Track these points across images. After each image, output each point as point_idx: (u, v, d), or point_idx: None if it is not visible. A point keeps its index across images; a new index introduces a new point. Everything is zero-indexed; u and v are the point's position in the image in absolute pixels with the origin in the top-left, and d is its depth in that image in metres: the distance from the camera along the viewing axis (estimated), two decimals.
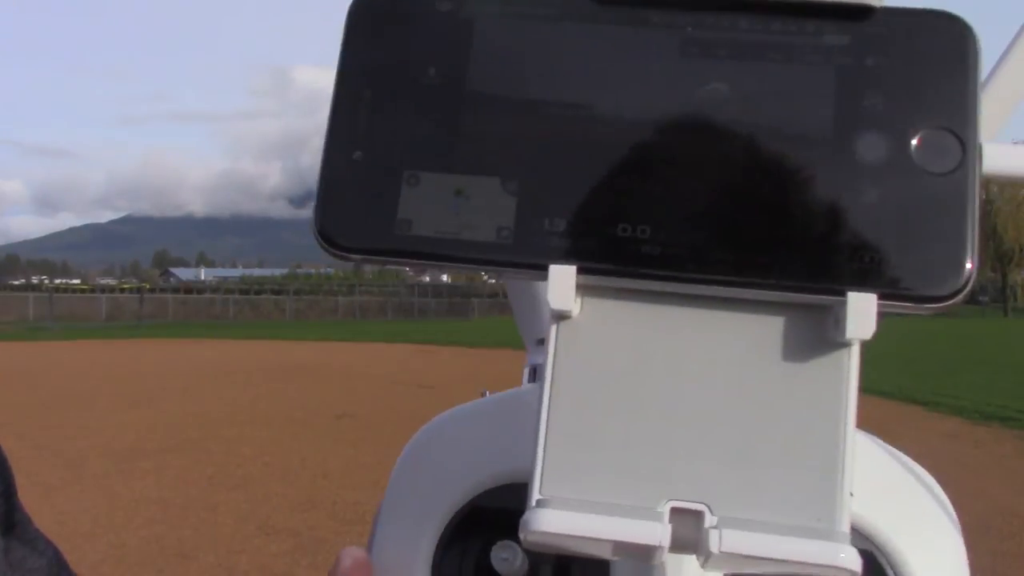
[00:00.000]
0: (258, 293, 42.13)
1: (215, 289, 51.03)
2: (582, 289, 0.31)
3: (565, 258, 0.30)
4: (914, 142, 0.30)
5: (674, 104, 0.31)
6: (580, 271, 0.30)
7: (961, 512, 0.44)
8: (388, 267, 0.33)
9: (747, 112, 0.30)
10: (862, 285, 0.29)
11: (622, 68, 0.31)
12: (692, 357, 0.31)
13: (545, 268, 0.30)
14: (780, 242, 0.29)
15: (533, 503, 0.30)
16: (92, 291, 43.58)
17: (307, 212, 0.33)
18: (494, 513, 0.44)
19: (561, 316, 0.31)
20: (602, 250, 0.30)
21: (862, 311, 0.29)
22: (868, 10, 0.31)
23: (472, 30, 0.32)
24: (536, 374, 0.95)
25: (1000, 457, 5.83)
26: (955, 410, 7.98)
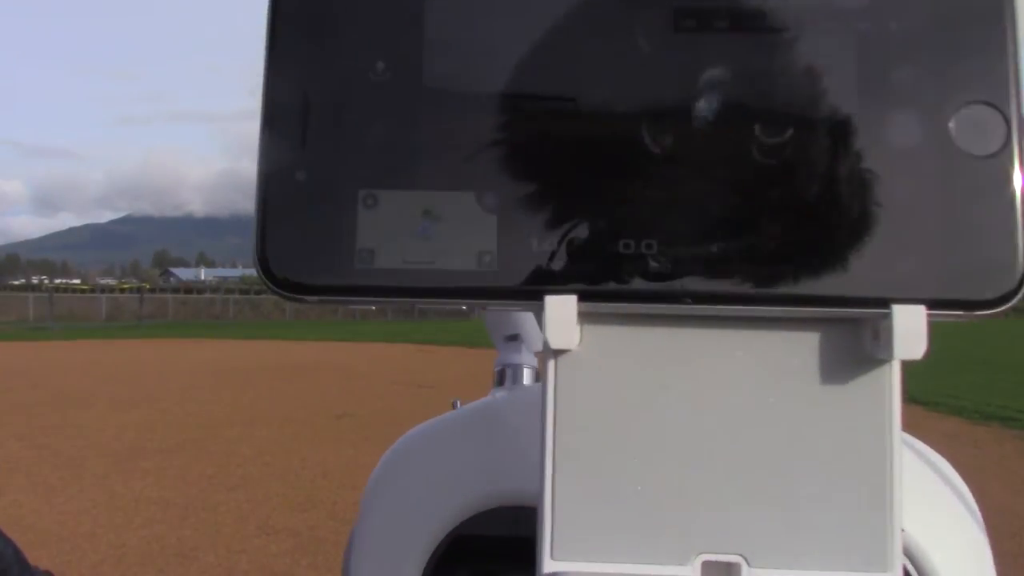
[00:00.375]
0: (258, 293, 42.06)
1: (215, 289, 51.05)
2: (581, 316, 0.26)
3: (562, 285, 0.26)
4: (951, 121, 0.26)
5: (673, 93, 0.26)
6: (581, 298, 0.26)
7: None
8: (352, 307, 0.28)
9: (757, 97, 0.26)
10: (907, 295, 0.25)
11: (609, 50, 0.26)
12: (712, 387, 0.27)
13: (539, 298, 0.26)
14: (808, 249, 0.25)
15: (544, 574, 0.26)
16: (92, 291, 43.61)
17: None
18: (480, 542, 0.40)
19: (559, 351, 0.27)
20: (604, 272, 0.26)
21: (910, 326, 0.25)
22: None
23: (424, 9, 0.27)
24: (505, 377, 0.85)
25: (1000, 457, 5.83)
26: (955, 410, 7.97)
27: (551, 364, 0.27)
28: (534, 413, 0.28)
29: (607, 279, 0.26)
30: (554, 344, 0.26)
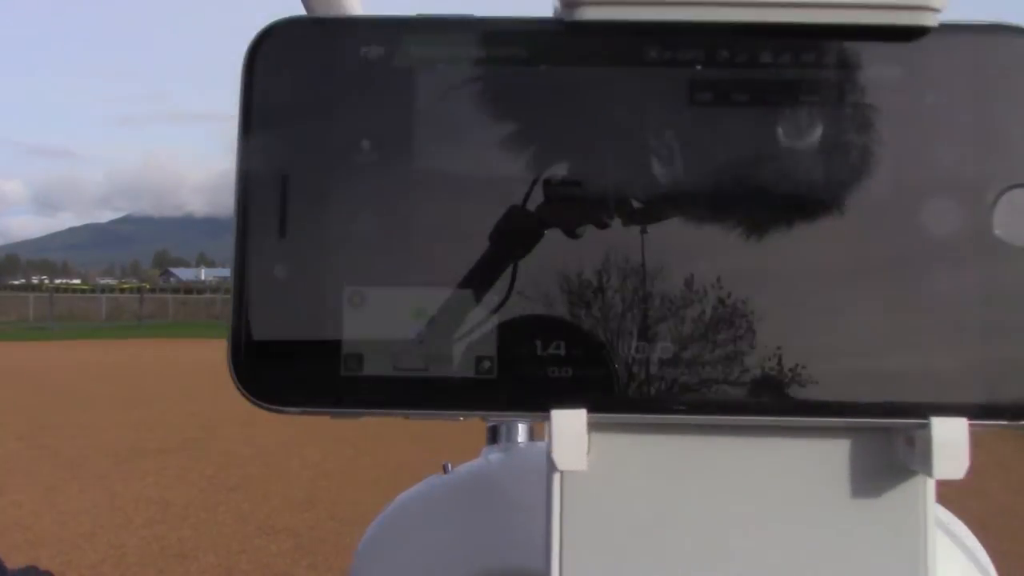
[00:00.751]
0: None
1: (215, 289, 51.06)
2: (590, 427, 0.24)
3: (570, 397, 0.23)
4: (994, 206, 0.23)
5: (689, 174, 0.24)
6: (590, 410, 0.23)
7: (961, 512, 0.44)
8: (337, 419, 0.25)
9: (780, 179, 0.23)
10: (946, 402, 0.23)
11: (616, 126, 0.24)
12: (733, 500, 0.25)
13: (545, 410, 0.23)
14: (835, 354, 0.23)
15: None
16: (92, 291, 43.62)
17: None
18: None
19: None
20: (615, 381, 0.23)
21: (950, 441, 0.22)
22: (922, 31, 0.23)
23: (413, 84, 0.24)
24: (499, 434, 0.80)
25: (1000, 457, 5.83)
26: None
27: (556, 481, 0.25)
28: (532, 480, 0.26)
29: (619, 388, 0.23)
30: (562, 465, 0.23)
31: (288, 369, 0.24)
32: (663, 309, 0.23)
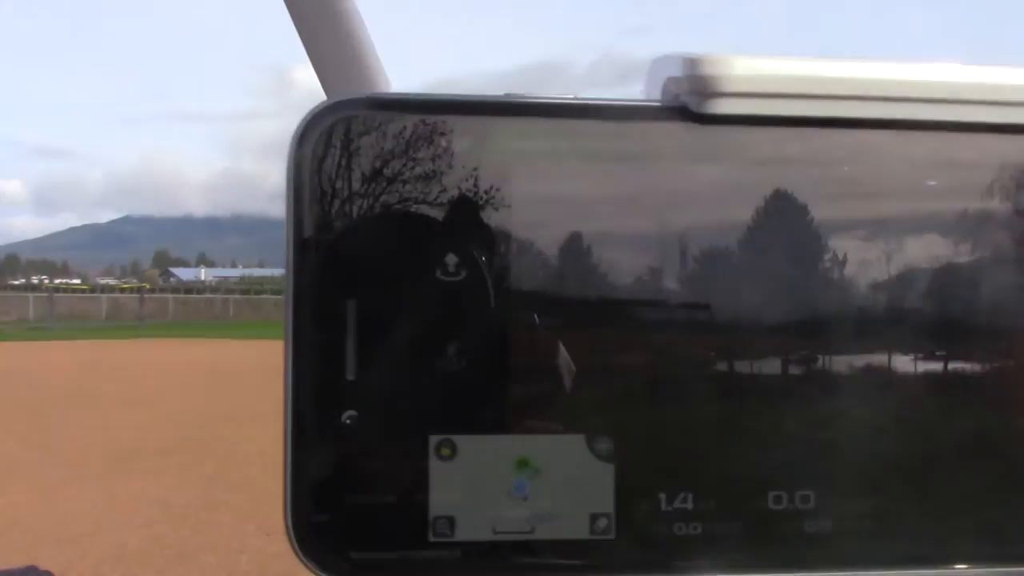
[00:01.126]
0: (258, 293, 42.12)
1: (215, 289, 51.06)
2: None
3: (704, 559, 0.19)
4: None
5: (846, 303, 0.20)
6: (728, 574, 0.20)
7: None
8: None
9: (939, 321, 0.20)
10: None
11: (758, 244, 0.20)
12: None
13: (674, 575, 0.20)
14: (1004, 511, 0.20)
15: None
16: (92, 291, 43.61)
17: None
18: None
19: None
20: (755, 535, 0.20)
21: None
22: None
23: (507, 183, 0.19)
24: None
25: None
26: None
27: None
28: None
29: (761, 544, 0.20)
30: None
31: (364, 535, 0.20)
32: (806, 452, 0.20)
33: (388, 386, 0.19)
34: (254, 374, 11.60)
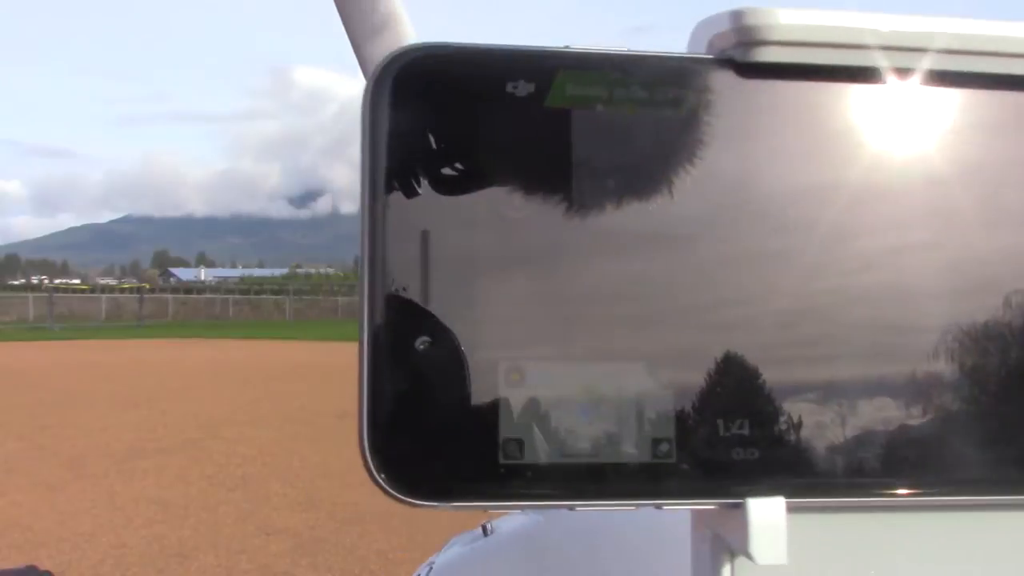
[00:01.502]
0: (258, 293, 42.16)
1: (215, 289, 51.12)
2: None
3: (764, 483, 0.20)
4: None
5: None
6: (789, 497, 0.20)
7: None
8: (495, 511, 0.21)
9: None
10: None
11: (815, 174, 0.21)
12: None
13: (736, 497, 0.20)
14: None
15: None
16: (92, 291, 43.64)
17: (307, 212, 0.22)
18: None
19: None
20: (815, 463, 0.20)
21: None
22: None
23: (569, 128, 0.21)
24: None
25: None
26: None
27: (727, 572, 0.22)
28: (582, 536, 0.22)
29: (821, 470, 0.20)
30: (762, 560, 0.20)
31: (437, 457, 0.20)
32: (861, 382, 0.20)
33: (459, 314, 0.20)
34: (254, 374, 11.61)
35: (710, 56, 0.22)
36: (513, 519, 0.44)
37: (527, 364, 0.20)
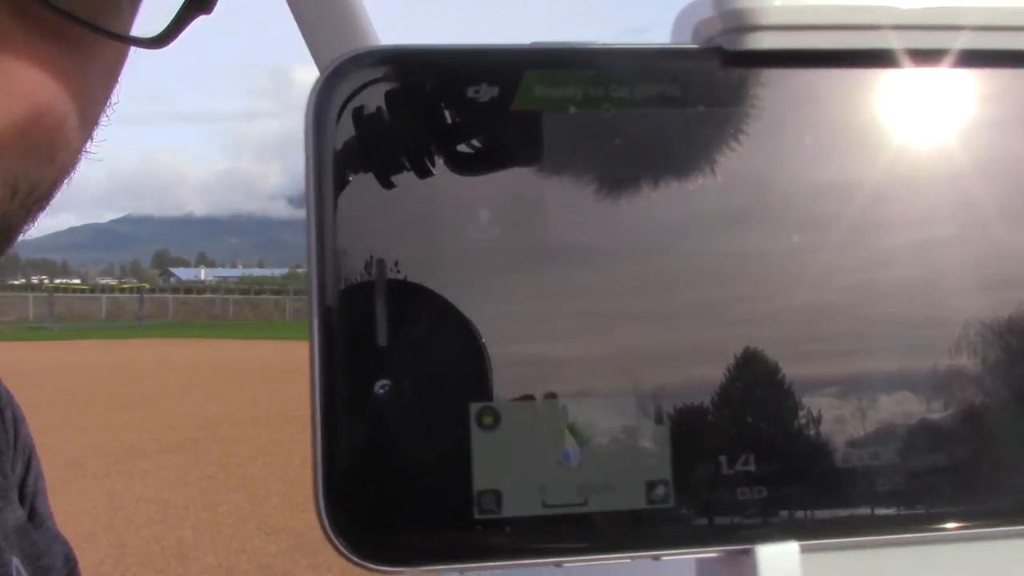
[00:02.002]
0: (258, 293, 42.16)
1: (215, 289, 51.10)
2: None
3: (773, 525, 0.18)
4: None
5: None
6: (802, 540, 0.19)
7: None
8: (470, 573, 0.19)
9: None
10: None
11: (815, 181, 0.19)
12: None
13: (742, 543, 0.19)
14: None
15: None
16: (92, 291, 43.67)
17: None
18: None
19: None
20: (831, 500, 0.19)
21: None
22: None
23: (539, 134, 0.19)
24: None
25: None
26: None
27: None
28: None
29: (840, 507, 0.19)
30: None
31: (403, 515, 0.18)
32: (877, 409, 0.19)
33: (421, 352, 0.18)
34: (254, 374, 11.61)
35: (695, 46, 0.20)
36: None
37: (501, 405, 0.18)
